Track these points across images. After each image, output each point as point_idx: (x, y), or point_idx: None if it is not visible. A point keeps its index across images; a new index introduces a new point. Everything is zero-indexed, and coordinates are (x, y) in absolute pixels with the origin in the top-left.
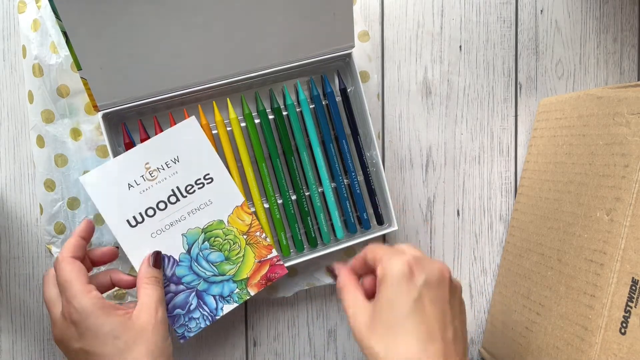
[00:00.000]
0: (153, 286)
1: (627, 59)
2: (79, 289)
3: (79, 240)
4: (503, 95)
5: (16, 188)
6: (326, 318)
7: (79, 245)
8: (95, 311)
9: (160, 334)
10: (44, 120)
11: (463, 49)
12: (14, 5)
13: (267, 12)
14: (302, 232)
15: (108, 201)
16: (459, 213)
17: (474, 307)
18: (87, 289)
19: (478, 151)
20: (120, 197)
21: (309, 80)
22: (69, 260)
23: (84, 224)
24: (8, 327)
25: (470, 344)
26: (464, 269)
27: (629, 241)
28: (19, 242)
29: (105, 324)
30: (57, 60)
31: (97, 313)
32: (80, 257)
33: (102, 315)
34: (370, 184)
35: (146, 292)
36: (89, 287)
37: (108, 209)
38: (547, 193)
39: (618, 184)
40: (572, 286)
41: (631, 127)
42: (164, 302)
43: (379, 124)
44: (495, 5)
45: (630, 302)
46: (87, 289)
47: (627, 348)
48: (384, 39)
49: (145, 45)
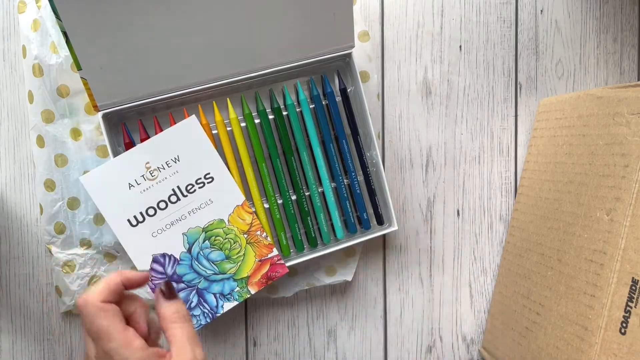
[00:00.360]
0: (179, 324)
1: (627, 59)
2: (120, 340)
3: (118, 285)
4: (503, 95)
5: (16, 188)
6: (326, 318)
7: (115, 291)
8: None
9: None
10: (44, 120)
11: (463, 49)
12: (14, 5)
13: (267, 12)
14: (302, 232)
15: (108, 201)
16: (459, 213)
17: (474, 307)
18: (128, 339)
19: (478, 151)
20: (120, 196)
21: (309, 80)
22: (102, 307)
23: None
24: (8, 327)
25: (470, 344)
26: (464, 269)
27: (629, 241)
28: (19, 242)
29: None
30: (57, 60)
31: None
32: (114, 302)
33: None
34: (370, 184)
35: (174, 333)
36: (130, 336)
37: (108, 209)
38: (547, 193)
39: (618, 184)
40: (572, 286)
41: (631, 127)
42: (196, 338)
43: (379, 124)
44: (495, 5)
45: (630, 302)
46: (127, 339)
47: (627, 348)
48: (384, 39)
49: (145, 45)
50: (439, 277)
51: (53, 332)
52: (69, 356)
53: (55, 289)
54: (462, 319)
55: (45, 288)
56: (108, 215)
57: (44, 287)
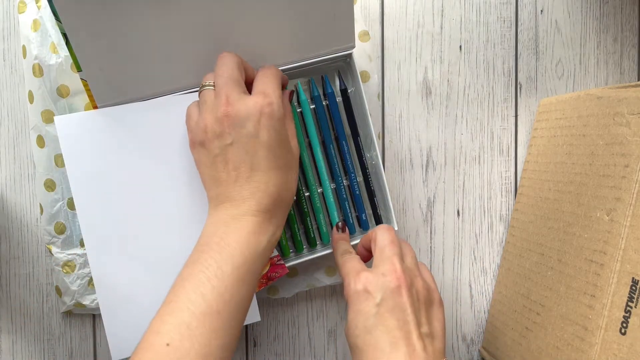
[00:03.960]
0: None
1: (627, 59)
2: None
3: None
4: (503, 95)
5: (16, 188)
6: (326, 318)
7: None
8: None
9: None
10: (44, 120)
11: (463, 49)
12: (14, 5)
13: (267, 13)
14: (302, 233)
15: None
16: (459, 213)
17: (474, 307)
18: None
19: (478, 151)
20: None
21: (309, 80)
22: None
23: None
24: (8, 327)
25: (470, 344)
26: (464, 269)
27: (629, 241)
28: (19, 242)
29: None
30: (57, 60)
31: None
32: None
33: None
34: (370, 185)
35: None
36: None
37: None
38: (547, 193)
39: (618, 184)
40: (572, 286)
41: (631, 127)
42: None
43: (379, 124)
44: (495, 5)
45: (631, 302)
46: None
47: (627, 348)
48: (384, 39)
49: (145, 46)
50: (439, 277)
51: (53, 332)
52: (69, 356)
53: (55, 289)
54: (462, 319)
55: (45, 288)
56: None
57: (44, 287)
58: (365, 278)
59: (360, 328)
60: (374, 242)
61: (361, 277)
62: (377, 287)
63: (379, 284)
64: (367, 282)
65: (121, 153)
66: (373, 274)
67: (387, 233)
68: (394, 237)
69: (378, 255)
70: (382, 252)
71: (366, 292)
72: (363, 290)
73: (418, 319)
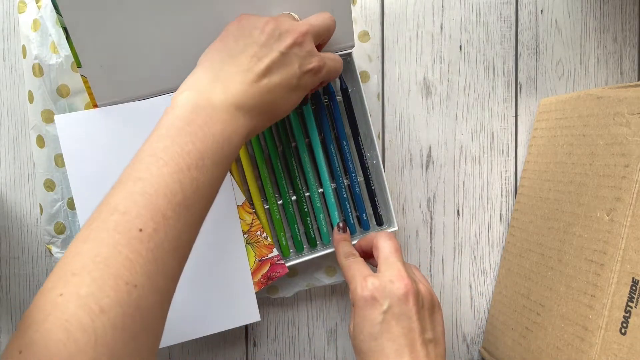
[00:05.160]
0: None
1: (627, 59)
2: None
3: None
4: (503, 95)
5: (16, 188)
6: (326, 318)
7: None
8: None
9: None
10: (44, 120)
11: (463, 49)
12: (14, 5)
13: (267, 13)
14: (302, 233)
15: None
16: (459, 213)
17: (474, 307)
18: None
19: (478, 151)
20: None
21: None
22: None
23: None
24: (8, 327)
25: (470, 344)
26: (464, 269)
27: (629, 241)
28: (19, 242)
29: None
30: (57, 60)
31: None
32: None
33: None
34: (370, 185)
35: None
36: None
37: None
38: (547, 193)
39: (618, 184)
40: (572, 286)
41: (631, 127)
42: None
43: (379, 124)
44: (495, 5)
45: (631, 302)
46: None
47: (627, 348)
48: (384, 39)
49: (147, 44)
50: (439, 277)
51: None
52: None
53: None
54: (462, 319)
55: None
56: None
57: None
58: (372, 284)
59: (366, 334)
60: (376, 248)
61: (368, 282)
62: (384, 294)
63: (387, 291)
64: (374, 288)
65: (121, 152)
66: (380, 280)
67: (390, 240)
68: (397, 245)
69: (383, 262)
70: (387, 258)
71: (373, 298)
72: (370, 296)
73: (423, 326)
